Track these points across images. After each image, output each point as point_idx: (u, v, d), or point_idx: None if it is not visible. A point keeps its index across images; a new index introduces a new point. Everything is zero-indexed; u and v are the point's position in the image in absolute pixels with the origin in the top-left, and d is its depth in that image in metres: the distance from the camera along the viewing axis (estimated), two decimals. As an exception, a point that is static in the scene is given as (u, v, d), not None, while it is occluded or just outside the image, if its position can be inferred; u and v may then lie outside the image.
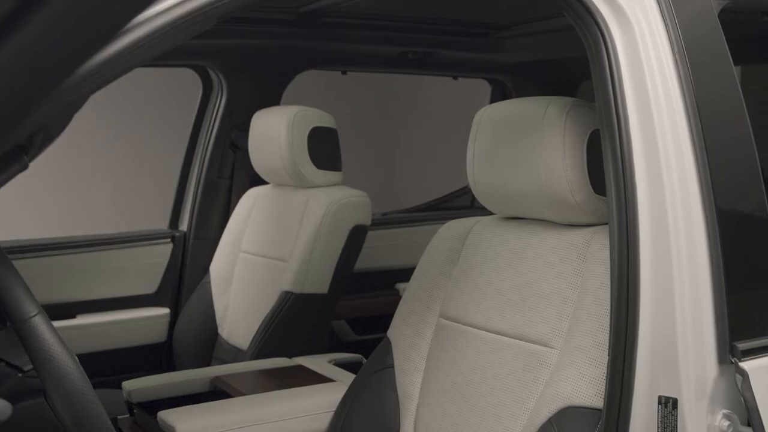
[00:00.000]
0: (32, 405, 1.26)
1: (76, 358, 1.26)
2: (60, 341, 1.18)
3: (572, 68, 3.45)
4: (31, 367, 1.23)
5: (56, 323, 2.79)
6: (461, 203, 3.81)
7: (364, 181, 3.63)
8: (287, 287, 2.58)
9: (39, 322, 1.18)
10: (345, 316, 3.27)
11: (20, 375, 1.27)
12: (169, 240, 3.11)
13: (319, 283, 2.59)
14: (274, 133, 2.67)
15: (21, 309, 1.18)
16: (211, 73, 3.06)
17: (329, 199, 2.61)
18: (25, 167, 1.15)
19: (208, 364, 2.84)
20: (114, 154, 4.95)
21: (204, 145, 3.12)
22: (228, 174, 3.16)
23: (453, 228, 1.88)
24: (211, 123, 3.11)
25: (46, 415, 1.26)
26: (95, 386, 2.86)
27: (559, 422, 1.44)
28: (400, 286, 3.32)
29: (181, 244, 3.12)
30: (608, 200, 1.32)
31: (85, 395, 1.16)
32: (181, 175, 3.21)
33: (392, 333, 1.90)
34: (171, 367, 3.01)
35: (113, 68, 0.99)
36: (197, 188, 3.14)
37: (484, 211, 1.83)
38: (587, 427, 1.40)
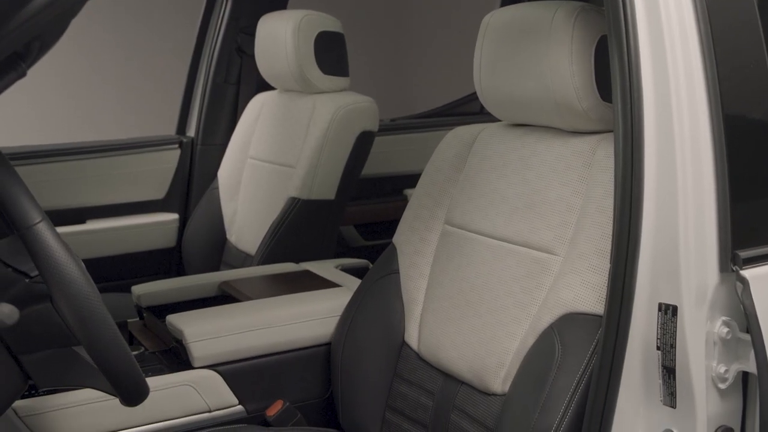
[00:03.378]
0: (39, 310, 1.28)
1: (82, 263, 1.27)
2: (64, 247, 1.19)
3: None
4: (37, 273, 1.24)
5: (66, 228, 2.85)
6: (471, 109, 3.77)
7: (373, 86, 3.59)
8: (294, 193, 2.59)
9: (43, 229, 1.18)
10: (353, 222, 3.29)
11: (27, 281, 1.29)
12: (176, 146, 3.11)
13: (326, 189, 2.59)
14: (280, 37, 2.64)
15: (25, 216, 1.19)
16: (216, -25, 3.01)
17: (336, 105, 2.58)
18: (23, 74, 1.14)
19: (216, 269, 2.87)
20: (121, 60, 4.90)
21: (210, 50, 3.09)
22: (235, 79, 3.14)
23: (459, 134, 1.87)
24: (217, 27, 3.06)
25: (53, 319, 1.28)
26: (105, 290, 2.91)
27: (560, 328, 1.46)
28: (408, 192, 3.32)
29: (188, 149, 3.12)
30: (614, 106, 1.30)
31: (91, 300, 1.18)
32: (188, 81, 3.18)
33: (397, 239, 1.91)
34: (180, 271, 3.05)
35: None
36: (204, 94, 3.12)
37: (493, 118, 1.81)
38: (587, 333, 1.41)
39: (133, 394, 1.29)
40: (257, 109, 2.91)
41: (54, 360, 1.34)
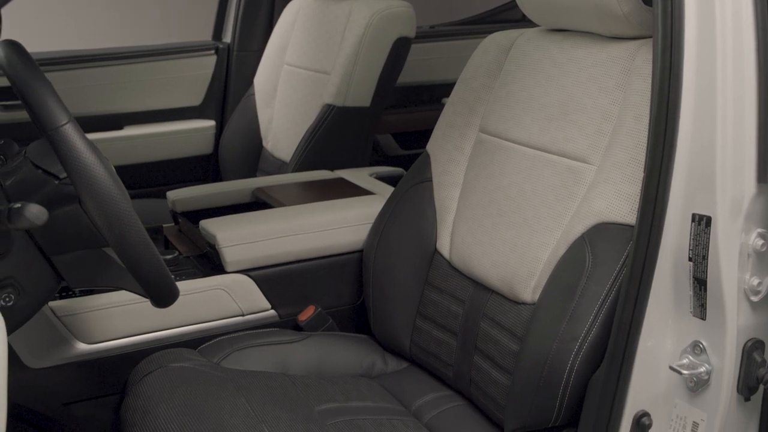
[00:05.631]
0: (68, 211, 1.29)
1: (111, 165, 1.27)
2: (91, 149, 1.19)
3: None
4: (66, 175, 1.25)
5: (104, 134, 2.86)
6: (512, 16, 3.68)
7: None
8: (329, 100, 2.56)
9: (69, 131, 1.18)
10: (391, 130, 3.26)
11: (56, 182, 1.30)
12: (213, 52, 3.08)
13: (361, 97, 2.56)
14: (315, -62, 2.58)
15: (52, 118, 1.19)
16: None
17: (371, 10, 2.53)
18: None
19: (253, 175, 2.88)
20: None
21: (246, -46, 3.04)
22: (271, -16, 3.09)
23: (496, 40, 1.83)
24: (254, -70, 3.01)
25: (82, 220, 1.30)
26: (142, 196, 2.94)
27: (591, 238, 1.44)
28: (446, 100, 3.27)
29: (225, 56, 3.10)
30: (653, 9, 1.25)
31: (118, 201, 1.18)
32: (224, -14, 3.15)
33: (431, 147, 1.89)
34: (217, 178, 3.07)
35: None
36: (240, -1, 3.08)
37: (535, 26, 1.76)
38: (619, 243, 1.39)
39: (162, 295, 1.30)
40: (293, 15, 2.87)
41: (85, 261, 1.36)
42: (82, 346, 1.72)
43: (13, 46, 1.29)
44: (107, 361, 1.75)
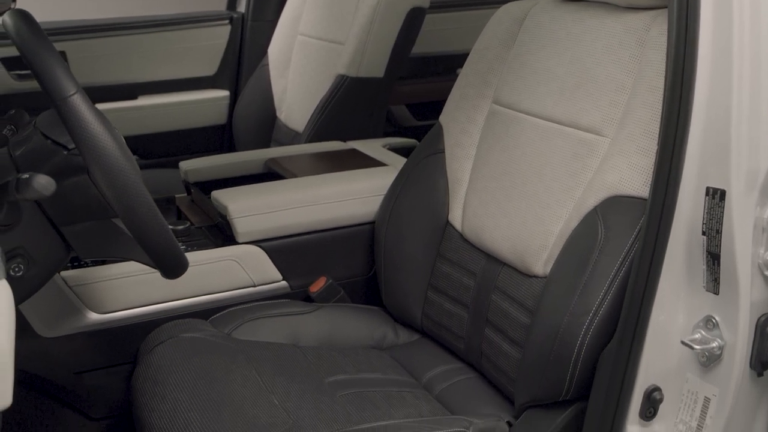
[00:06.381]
0: (77, 182, 1.29)
1: (120, 136, 1.27)
2: (99, 119, 1.18)
3: None
4: (74, 145, 1.24)
5: (118, 104, 2.85)
6: (529, -15, 3.63)
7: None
8: (342, 70, 2.54)
9: (77, 101, 1.17)
10: (405, 101, 3.24)
11: (65, 153, 1.29)
12: (227, 21, 3.06)
13: (375, 67, 2.54)
14: None
15: (60, 88, 1.18)
16: None
17: (385, -20, 2.50)
18: None
19: (267, 146, 2.87)
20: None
21: None
22: (285, -47, 3.06)
23: (510, 10, 1.80)
24: None
25: (91, 191, 1.29)
26: (156, 166, 2.94)
27: (603, 211, 1.43)
28: (460, 71, 3.24)
29: (239, 25, 3.08)
30: (669, -22, 1.22)
31: (125, 173, 1.17)
32: (237, -45, 3.12)
33: (444, 118, 1.87)
34: (231, 148, 3.06)
35: None
36: (254, -32, 3.05)
37: (551, -5, 1.74)
38: (632, 217, 1.38)
39: (171, 266, 1.30)
40: (308, -16, 2.84)
41: (95, 232, 1.36)
42: (94, 316, 1.73)
43: (22, 16, 1.28)
44: (119, 330, 1.76)
